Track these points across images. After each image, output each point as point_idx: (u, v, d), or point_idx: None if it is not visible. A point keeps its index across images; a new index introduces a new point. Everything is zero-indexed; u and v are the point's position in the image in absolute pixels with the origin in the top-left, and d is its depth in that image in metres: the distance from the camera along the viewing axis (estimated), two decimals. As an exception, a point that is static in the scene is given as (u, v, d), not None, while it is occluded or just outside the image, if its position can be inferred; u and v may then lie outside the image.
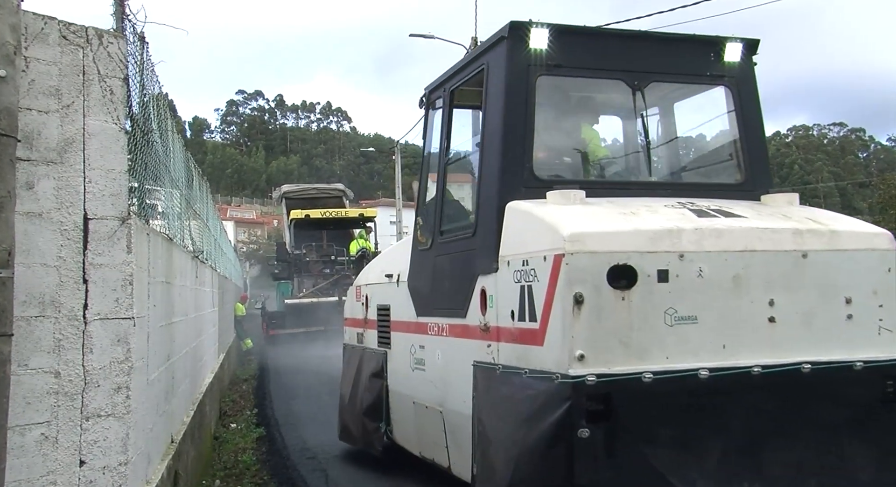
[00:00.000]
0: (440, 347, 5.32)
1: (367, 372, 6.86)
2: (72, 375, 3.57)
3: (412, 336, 5.88)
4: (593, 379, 3.66)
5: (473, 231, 4.85)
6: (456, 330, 5.03)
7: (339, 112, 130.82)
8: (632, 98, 5.01)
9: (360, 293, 7.52)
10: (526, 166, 4.52)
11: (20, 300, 3.36)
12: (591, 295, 3.74)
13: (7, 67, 3.07)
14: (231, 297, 18.41)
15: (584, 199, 4.28)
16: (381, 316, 6.70)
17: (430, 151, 5.97)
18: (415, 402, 5.83)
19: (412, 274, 5.91)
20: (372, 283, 7.19)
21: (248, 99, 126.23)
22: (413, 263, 5.91)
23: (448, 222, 5.45)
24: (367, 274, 7.59)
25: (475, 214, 4.89)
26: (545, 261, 3.90)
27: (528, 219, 4.21)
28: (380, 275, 6.84)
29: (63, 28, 3.67)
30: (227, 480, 7.07)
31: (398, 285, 6.20)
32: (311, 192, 26.36)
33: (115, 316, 3.70)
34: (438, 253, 5.39)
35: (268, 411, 11.31)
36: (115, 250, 3.71)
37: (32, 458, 3.44)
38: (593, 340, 3.75)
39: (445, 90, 5.58)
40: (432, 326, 5.47)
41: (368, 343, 7.15)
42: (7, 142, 3.07)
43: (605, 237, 3.86)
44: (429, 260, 5.55)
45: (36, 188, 3.54)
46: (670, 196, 4.64)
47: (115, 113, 3.78)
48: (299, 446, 8.72)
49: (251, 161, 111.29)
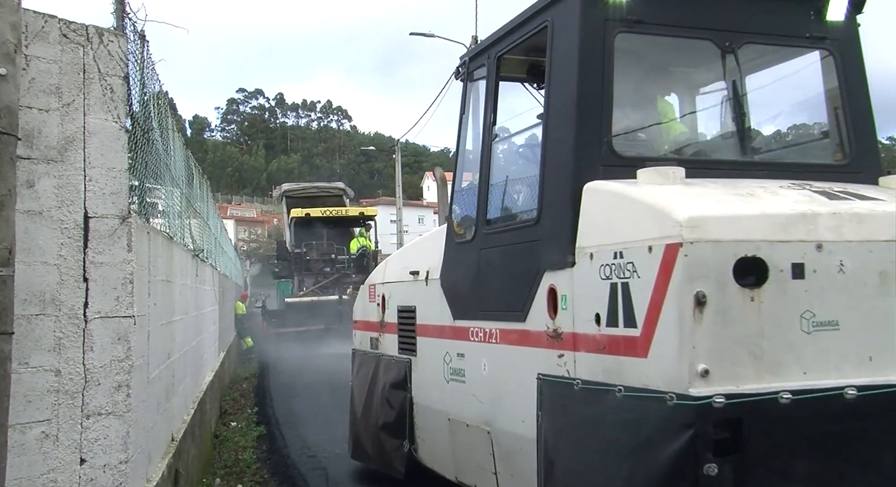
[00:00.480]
0: (487, 356, 4.54)
1: (386, 383, 6.04)
2: (72, 373, 3.57)
3: (446, 342, 5.10)
4: (721, 400, 2.93)
5: (536, 219, 4.08)
6: (511, 336, 4.27)
7: (339, 111, 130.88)
8: (721, 62, 4.26)
9: (375, 292, 6.65)
10: (604, 141, 3.79)
11: (21, 298, 3.36)
12: (715, 294, 3.04)
13: (7, 66, 3.07)
14: (231, 296, 18.43)
15: (685, 179, 3.57)
16: (404, 320, 5.90)
17: (467, 130, 5.22)
18: (450, 419, 5.02)
19: (446, 271, 5.14)
20: (391, 282, 6.32)
21: (248, 97, 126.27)
22: (448, 258, 5.13)
23: (497, 210, 4.72)
24: (384, 271, 6.65)
25: (538, 199, 4.10)
26: (650, 253, 3.19)
27: (622, 202, 3.49)
28: (401, 273, 6.01)
29: (63, 26, 3.68)
30: (227, 478, 7.08)
31: (427, 284, 5.45)
32: (311, 191, 26.36)
33: (116, 315, 3.70)
34: (484, 247, 4.62)
35: (268, 409, 11.32)
36: (115, 248, 3.72)
37: (33, 456, 3.45)
38: (719, 351, 3.02)
39: (490, 57, 4.78)
40: (475, 331, 4.69)
41: (386, 349, 6.27)
42: (7, 140, 3.07)
43: (731, 222, 3.14)
44: (470, 255, 4.78)
45: (36, 186, 3.54)
46: (768, 178, 3.88)
47: (116, 111, 3.78)
48: (300, 444, 8.73)
49: (251, 159, 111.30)
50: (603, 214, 3.60)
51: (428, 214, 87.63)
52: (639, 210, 3.37)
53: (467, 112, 5.18)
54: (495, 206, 4.73)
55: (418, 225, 79.62)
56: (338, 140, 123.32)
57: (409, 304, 5.81)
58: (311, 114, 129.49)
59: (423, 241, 6.38)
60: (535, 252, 4.05)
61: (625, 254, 3.36)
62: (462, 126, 5.22)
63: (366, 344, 6.80)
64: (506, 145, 5.02)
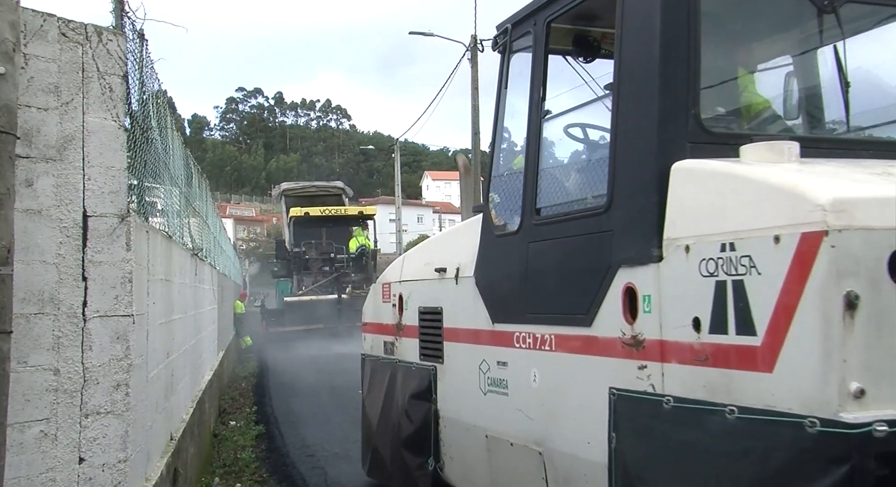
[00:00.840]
0: (539, 365, 3.95)
1: (406, 393, 5.42)
2: (71, 372, 3.57)
3: (482, 348, 4.51)
4: (884, 428, 2.33)
5: (605, 206, 3.49)
6: (572, 343, 3.69)
7: (338, 110, 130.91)
8: (818, 24, 3.68)
9: (390, 292, 5.98)
10: (691, 115, 3.25)
11: (19, 297, 3.36)
12: (869, 294, 2.48)
13: (6, 64, 3.07)
14: (230, 295, 18.42)
15: (800, 157, 3.04)
16: (427, 322, 5.27)
17: (506, 108, 4.60)
18: (488, 436, 4.44)
19: (483, 268, 4.55)
20: (410, 280, 5.66)
21: (247, 96, 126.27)
22: (484, 254, 4.55)
23: (550, 197, 4.14)
24: (401, 268, 5.98)
25: (608, 183, 3.52)
26: (777, 244, 2.66)
27: (733, 184, 2.95)
28: (423, 270, 5.36)
29: (62, 25, 3.67)
30: (226, 477, 7.08)
31: (457, 282, 4.85)
32: (310, 190, 26.37)
33: (115, 314, 3.70)
34: (533, 239, 4.03)
35: (267, 409, 11.32)
36: (114, 247, 3.71)
37: (32, 455, 3.45)
38: (876, 366, 2.46)
39: (537, 23, 4.17)
40: (521, 337, 4.11)
41: (404, 355, 5.65)
42: (6, 139, 3.06)
43: (884, 206, 2.56)
44: (514, 250, 4.18)
45: (35, 185, 3.54)
46: (880, 157, 3.34)
47: (115, 110, 3.78)
48: (299, 444, 8.73)
49: (250, 159, 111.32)
50: (703, 199, 3.03)
51: (427, 213, 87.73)
52: (758, 192, 2.80)
53: (506, 87, 4.53)
54: (548, 193, 4.12)
55: (417, 224, 79.69)
56: (337, 139, 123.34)
57: (434, 305, 5.18)
58: (310, 114, 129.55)
59: (451, 235, 5.73)
60: (604, 245, 3.46)
61: (737, 246, 2.80)
62: (500, 104, 4.57)
63: (379, 348, 6.18)
64: (559, 123, 4.37)
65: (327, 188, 26.92)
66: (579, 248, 3.65)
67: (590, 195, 3.86)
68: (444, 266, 5.04)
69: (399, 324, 5.76)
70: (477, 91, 21.80)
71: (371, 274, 22.48)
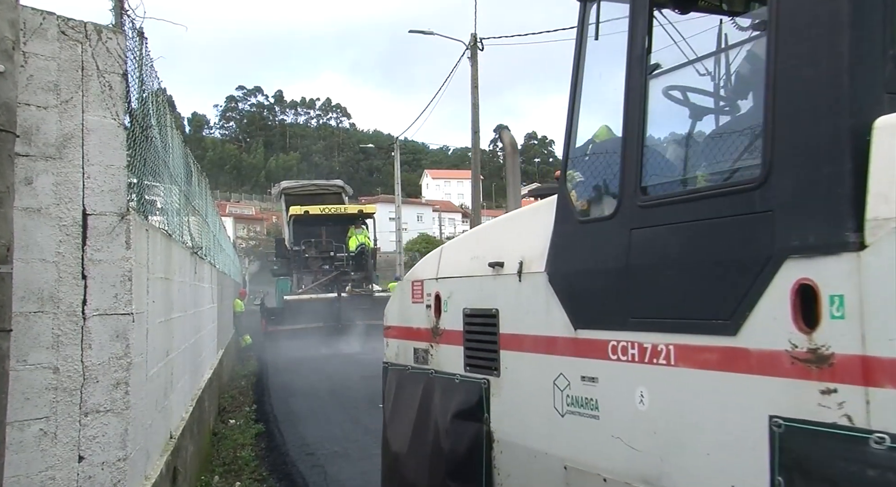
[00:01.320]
0: (649, 383, 3.16)
1: (447, 410, 4.56)
2: (70, 371, 3.57)
3: (559, 359, 3.75)
4: None
5: (762, 178, 2.76)
6: (705, 356, 2.91)
7: (338, 108, 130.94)
8: None
9: (423, 291, 5.15)
10: (888, 57, 2.57)
11: (19, 295, 3.36)
12: None
13: (6, 63, 3.07)
14: (230, 294, 18.43)
15: None
16: (476, 327, 4.46)
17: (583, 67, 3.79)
18: (568, 467, 3.68)
19: (559, 262, 3.77)
20: (451, 277, 4.81)
21: (247, 95, 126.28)
22: (561, 244, 3.77)
23: (663, 171, 3.44)
24: (437, 263, 5.07)
25: (764, 148, 2.79)
26: None
27: None
28: (470, 265, 4.58)
29: (62, 23, 3.67)
30: (225, 476, 7.08)
31: (520, 279, 4.06)
32: (310, 189, 26.35)
33: (114, 312, 3.70)
34: (638, 225, 3.27)
35: (267, 407, 11.33)
36: (113, 246, 3.71)
37: (31, 453, 3.45)
38: None
39: None
40: (621, 347, 3.32)
41: (443, 365, 4.79)
42: (6, 137, 3.06)
43: None
44: (608, 238, 3.41)
45: (35, 184, 3.54)
46: None
47: (114, 108, 3.78)
48: (298, 442, 8.74)
49: (250, 157, 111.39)
50: None
51: (427, 212, 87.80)
52: None
53: (586, 41, 3.75)
54: (659, 167, 3.42)
55: (417, 222, 79.75)
56: (337, 137, 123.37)
57: (486, 307, 4.37)
58: (310, 112, 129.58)
59: (506, 223, 4.74)
60: (759, 229, 2.75)
61: None
62: (579, 62, 3.78)
63: (407, 356, 5.25)
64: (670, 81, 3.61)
65: (327, 186, 26.89)
66: (717, 235, 2.87)
67: (734, 166, 3.07)
68: (499, 260, 4.26)
69: (436, 329, 4.89)
70: (477, 89, 21.80)
71: (371, 272, 22.51)
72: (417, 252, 69.12)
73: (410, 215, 75.56)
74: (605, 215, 3.48)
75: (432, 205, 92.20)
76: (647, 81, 3.33)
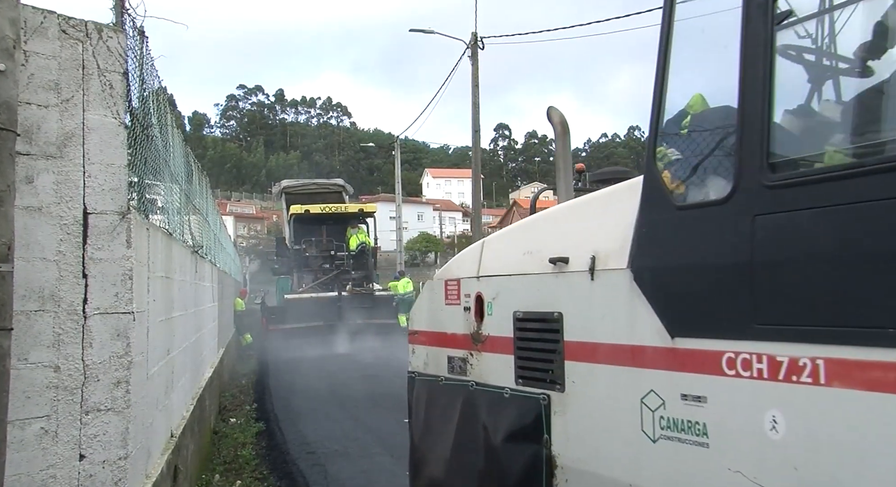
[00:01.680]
0: (787, 406, 2.54)
1: (497, 430, 3.90)
2: (71, 369, 3.58)
3: (650, 373, 3.13)
4: None
5: None
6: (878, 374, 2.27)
7: (339, 107, 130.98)
8: None
9: (460, 291, 4.48)
10: None
11: (20, 294, 3.36)
12: None
13: (7, 61, 3.07)
14: (230, 292, 18.44)
15: None
16: (532, 333, 3.76)
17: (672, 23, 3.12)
18: None
19: (648, 256, 3.14)
20: (497, 275, 4.13)
21: (248, 94, 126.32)
22: (652, 235, 3.15)
23: (804, 142, 2.87)
24: (479, 258, 4.37)
25: None
26: None
27: None
28: (522, 260, 3.90)
29: (62, 22, 3.67)
30: (226, 475, 7.09)
31: (592, 277, 3.40)
32: (310, 188, 26.34)
33: (115, 311, 3.70)
34: (765, 210, 2.62)
35: (267, 406, 11.33)
36: (114, 245, 3.72)
37: (32, 452, 3.45)
38: None
39: None
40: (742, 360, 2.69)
41: (487, 376, 4.12)
42: (7, 136, 3.06)
43: None
44: (720, 227, 2.81)
45: (35, 182, 3.54)
46: None
47: (115, 107, 3.78)
48: (299, 441, 8.74)
49: (251, 156, 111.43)
50: None
51: (427, 211, 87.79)
52: None
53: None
54: (798, 137, 2.90)
55: (417, 221, 79.73)
56: (337, 136, 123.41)
57: (546, 310, 3.71)
58: (310, 111, 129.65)
59: (567, 213, 3.98)
60: None
61: None
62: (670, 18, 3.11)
63: (439, 365, 4.57)
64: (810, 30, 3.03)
65: (328, 185, 26.87)
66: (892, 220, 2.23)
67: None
68: (563, 254, 3.59)
69: (477, 334, 4.25)
70: (477, 88, 21.80)
71: (371, 271, 22.51)
72: (418, 251, 69.18)
73: (411, 214, 75.56)
74: (715, 199, 2.83)
75: (433, 204, 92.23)
76: (772, 35, 2.71)
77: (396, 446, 8.12)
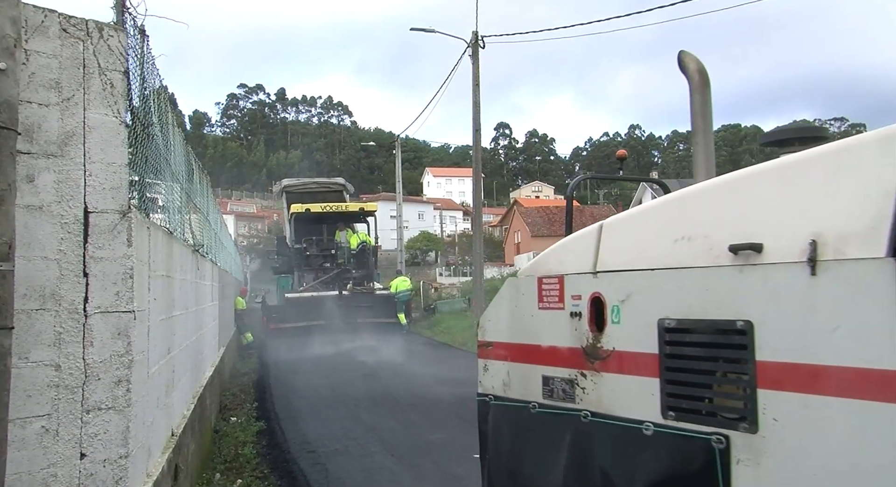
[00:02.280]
0: None
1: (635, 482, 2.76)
2: (72, 368, 3.58)
3: None
4: None
5: None
6: None
7: (339, 106, 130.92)
8: None
9: (563, 290, 3.28)
10: None
11: (20, 293, 3.36)
12: None
13: (7, 60, 3.07)
14: (231, 291, 18.43)
15: None
16: (695, 348, 2.61)
17: None
18: None
19: None
20: (627, 270, 2.94)
21: (249, 93, 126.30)
22: None
23: None
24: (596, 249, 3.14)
25: None
26: None
27: None
28: (673, 248, 2.71)
29: (63, 21, 3.67)
30: (227, 473, 7.09)
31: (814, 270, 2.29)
32: (311, 186, 26.34)
33: (116, 310, 3.70)
34: None
35: (268, 405, 11.34)
36: (115, 243, 3.72)
37: (33, 451, 3.45)
38: None
39: None
40: None
41: (613, 405, 2.96)
42: (7, 135, 3.06)
43: None
44: None
45: (36, 181, 3.54)
46: None
47: (116, 106, 3.78)
48: (299, 440, 8.75)
49: (251, 155, 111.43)
50: None
51: (428, 210, 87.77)
52: None
53: None
54: None
55: (418, 220, 79.71)
56: (338, 135, 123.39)
57: (720, 317, 2.61)
58: (311, 110, 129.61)
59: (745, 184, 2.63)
60: None
61: None
62: None
63: (529, 387, 3.39)
64: None
65: (328, 184, 26.87)
66: None
67: None
68: (751, 239, 2.49)
69: (593, 348, 3.11)
70: (478, 87, 21.77)
71: (372, 270, 22.51)
72: (418, 250, 69.07)
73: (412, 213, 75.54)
74: None
75: (433, 203, 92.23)
76: None
77: (397, 445, 8.13)
